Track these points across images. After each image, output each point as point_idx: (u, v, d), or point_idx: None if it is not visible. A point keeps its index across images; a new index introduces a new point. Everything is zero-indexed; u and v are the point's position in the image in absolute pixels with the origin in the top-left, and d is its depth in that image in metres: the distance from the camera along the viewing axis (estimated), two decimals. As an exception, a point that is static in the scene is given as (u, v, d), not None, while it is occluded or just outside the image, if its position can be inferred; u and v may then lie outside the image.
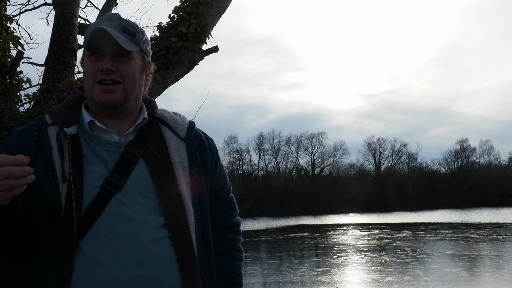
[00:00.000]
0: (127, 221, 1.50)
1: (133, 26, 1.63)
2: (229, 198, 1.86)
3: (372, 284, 13.25)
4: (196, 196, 1.65)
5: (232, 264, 1.78)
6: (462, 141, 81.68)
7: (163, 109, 1.78)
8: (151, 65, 1.71)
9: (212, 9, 4.89)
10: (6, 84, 4.00)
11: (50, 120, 1.61)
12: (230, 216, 1.85)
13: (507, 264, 15.86)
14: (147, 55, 1.67)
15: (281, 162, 77.25)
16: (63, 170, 1.51)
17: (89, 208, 1.49)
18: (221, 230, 1.80)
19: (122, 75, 1.58)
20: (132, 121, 1.67)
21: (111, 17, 1.62)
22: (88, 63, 1.59)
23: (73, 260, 1.45)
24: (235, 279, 1.78)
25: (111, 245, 1.47)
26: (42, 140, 1.55)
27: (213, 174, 1.77)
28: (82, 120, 1.63)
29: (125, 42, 1.57)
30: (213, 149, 1.79)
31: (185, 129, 1.73)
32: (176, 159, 1.65)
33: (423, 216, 50.02)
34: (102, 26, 1.55)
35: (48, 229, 1.47)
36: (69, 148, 1.54)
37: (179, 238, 1.55)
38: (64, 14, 5.06)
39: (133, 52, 1.60)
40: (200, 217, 1.65)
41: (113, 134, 1.62)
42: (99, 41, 1.56)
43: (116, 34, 1.56)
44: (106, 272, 1.45)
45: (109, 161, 1.57)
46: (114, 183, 1.53)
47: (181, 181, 1.63)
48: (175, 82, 4.77)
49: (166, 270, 1.51)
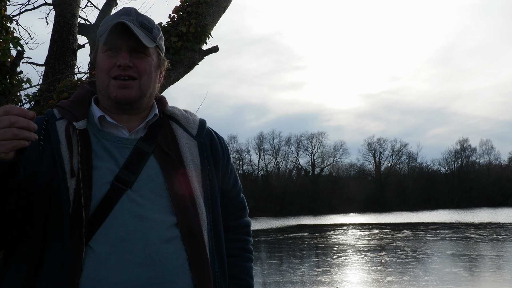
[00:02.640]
0: (139, 219, 1.46)
1: (150, 21, 1.59)
2: (240, 199, 1.82)
3: (372, 284, 13.24)
4: (208, 195, 1.61)
5: (243, 266, 1.75)
6: (462, 141, 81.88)
7: (174, 106, 1.74)
8: (165, 62, 1.68)
9: (212, 9, 4.89)
10: (6, 84, 4.00)
11: (59, 114, 1.56)
12: (241, 216, 1.81)
13: (507, 264, 15.85)
14: (161, 52, 1.64)
15: (281, 162, 77.37)
16: (71, 164, 1.46)
17: (99, 206, 1.45)
18: (232, 230, 1.76)
19: (138, 71, 1.54)
20: (143, 117, 1.63)
21: (128, 11, 1.57)
22: (104, 57, 1.54)
23: (82, 259, 1.40)
24: (247, 281, 1.74)
25: (122, 244, 1.43)
26: (50, 133, 1.51)
27: (225, 174, 1.73)
28: (92, 115, 1.59)
29: (144, 37, 1.53)
30: (225, 148, 1.76)
31: (196, 127, 1.69)
32: (188, 157, 1.61)
33: (423, 216, 49.98)
34: (121, 20, 1.51)
35: (57, 225, 1.42)
36: (78, 142, 1.50)
37: (191, 238, 1.51)
38: (64, 14, 5.06)
39: (150, 48, 1.56)
40: (212, 217, 1.61)
41: (123, 130, 1.58)
42: (118, 35, 1.51)
43: (135, 29, 1.52)
44: (118, 273, 1.40)
45: (119, 157, 1.53)
46: (124, 180, 1.49)
47: (193, 179, 1.58)
48: (175, 82, 4.77)
49: (178, 271, 1.47)
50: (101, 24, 1.60)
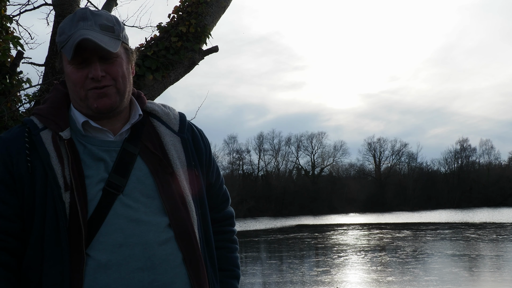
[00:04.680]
0: (134, 223, 1.45)
1: (108, 19, 1.51)
2: (223, 190, 1.82)
3: (372, 284, 13.25)
4: (196, 192, 1.61)
5: (231, 257, 1.77)
6: (462, 141, 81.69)
7: (152, 102, 1.69)
8: (133, 52, 1.60)
9: (212, 9, 4.89)
10: (6, 84, 4.00)
11: (40, 123, 1.49)
12: (225, 208, 1.81)
13: (507, 264, 15.86)
14: (127, 43, 1.57)
15: (281, 162, 77.28)
16: (64, 178, 1.43)
17: (94, 214, 1.43)
18: (218, 222, 1.76)
19: (112, 77, 1.49)
20: (123, 117, 1.58)
21: (83, 15, 1.48)
22: (73, 70, 1.47)
23: (83, 268, 1.39)
24: (235, 272, 1.77)
25: (121, 250, 1.42)
26: (37, 146, 1.45)
27: (208, 167, 1.72)
28: (73, 120, 1.54)
29: (109, 43, 1.46)
30: (206, 141, 1.74)
31: (177, 123, 1.66)
32: (174, 155, 1.59)
33: (423, 216, 49.99)
34: (84, 35, 1.43)
35: (53, 239, 1.41)
36: (68, 153, 1.46)
37: (184, 238, 1.52)
38: (64, 14, 5.05)
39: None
40: (201, 212, 1.62)
41: (108, 133, 1.54)
42: (82, 50, 1.44)
43: (99, 38, 1.44)
44: (119, 279, 1.40)
45: (108, 161, 1.50)
46: (116, 184, 1.47)
47: (181, 177, 1.57)
48: (175, 82, 4.77)
49: (176, 272, 1.48)
50: (58, 32, 1.51)
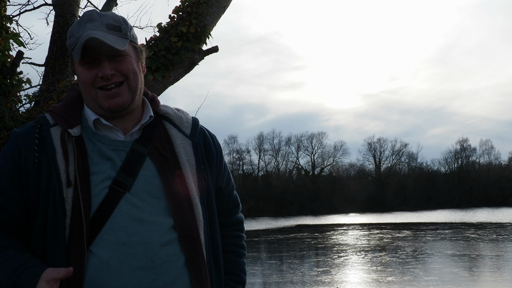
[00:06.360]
0: (138, 223, 1.47)
1: (115, 19, 1.55)
2: (233, 196, 1.84)
3: (372, 284, 13.25)
4: (204, 195, 1.62)
5: (237, 262, 1.79)
6: (462, 141, 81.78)
7: (166, 105, 1.73)
8: (143, 51, 1.63)
9: (212, 9, 4.89)
10: (6, 84, 3.99)
11: (52, 120, 1.54)
12: (235, 213, 1.84)
13: (507, 264, 15.85)
14: (136, 42, 1.60)
15: (281, 162, 77.34)
16: (67, 174, 1.45)
17: (98, 210, 1.45)
18: (227, 227, 1.78)
19: (122, 73, 1.52)
20: (135, 117, 1.61)
21: (90, 17, 1.53)
22: (83, 70, 1.52)
23: (84, 264, 1.41)
24: (241, 277, 1.78)
25: (123, 248, 1.44)
26: (45, 142, 1.49)
27: (219, 172, 1.74)
28: (85, 118, 1.58)
29: (116, 41, 1.49)
30: (217, 146, 1.76)
31: (189, 126, 1.68)
32: (184, 158, 1.61)
33: (423, 216, 49.99)
34: (90, 34, 1.47)
35: (53, 234, 1.43)
36: (74, 150, 1.49)
37: (188, 241, 1.53)
38: (64, 14, 5.05)
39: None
40: (209, 216, 1.63)
41: (118, 132, 1.57)
42: (90, 49, 1.48)
43: (105, 37, 1.48)
44: (120, 277, 1.42)
45: (116, 160, 1.52)
46: (122, 183, 1.49)
47: (189, 180, 1.59)
48: (175, 82, 4.77)
49: (178, 274, 1.49)
50: (68, 36, 1.56)
